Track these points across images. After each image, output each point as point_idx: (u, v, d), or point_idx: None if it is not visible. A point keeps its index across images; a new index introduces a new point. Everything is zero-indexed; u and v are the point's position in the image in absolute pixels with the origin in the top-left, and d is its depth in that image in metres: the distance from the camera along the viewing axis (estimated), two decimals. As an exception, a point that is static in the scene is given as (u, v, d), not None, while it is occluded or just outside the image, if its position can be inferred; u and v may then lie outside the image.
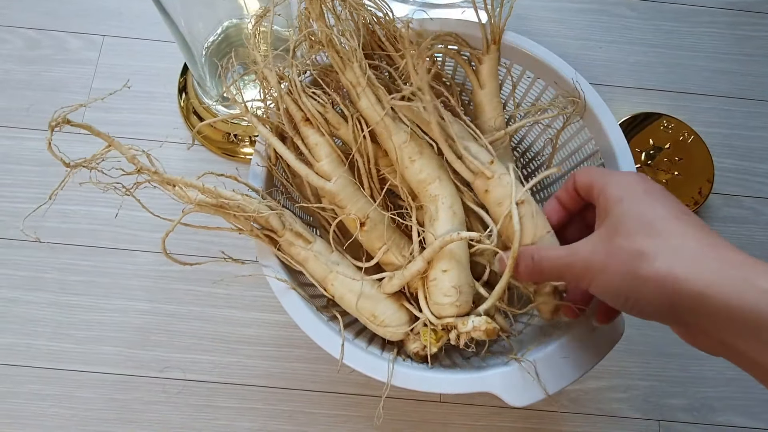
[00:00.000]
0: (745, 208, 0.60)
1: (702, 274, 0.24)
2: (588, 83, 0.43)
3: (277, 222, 0.36)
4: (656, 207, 0.28)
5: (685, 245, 0.26)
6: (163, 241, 0.35)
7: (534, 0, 0.67)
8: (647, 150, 0.58)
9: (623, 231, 0.28)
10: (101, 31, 0.64)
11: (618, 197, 0.29)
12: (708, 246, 0.25)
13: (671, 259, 0.25)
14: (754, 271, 0.24)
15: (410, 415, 0.52)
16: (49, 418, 0.51)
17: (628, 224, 0.28)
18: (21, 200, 0.57)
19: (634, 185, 0.30)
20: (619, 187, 0.30)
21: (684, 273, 0.25)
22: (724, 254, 0.25)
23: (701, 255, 0.25)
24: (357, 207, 0.37)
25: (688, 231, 0.26)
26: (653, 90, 0.64)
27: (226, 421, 0.51)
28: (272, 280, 0.38)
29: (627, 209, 0.28)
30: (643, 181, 0.30)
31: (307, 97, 0.36)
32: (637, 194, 0.29)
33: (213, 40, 0.55)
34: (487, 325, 0.34)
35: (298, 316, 0.37)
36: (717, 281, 0.24)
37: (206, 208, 0.35)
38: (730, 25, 0.67)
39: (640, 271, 0.26)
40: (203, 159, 0.59)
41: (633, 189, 0.29)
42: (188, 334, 0.54)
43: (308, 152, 0.37)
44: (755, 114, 0.63)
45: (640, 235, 0.27)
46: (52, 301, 0.54)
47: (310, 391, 0.52)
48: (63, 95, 0.61)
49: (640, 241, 0.26)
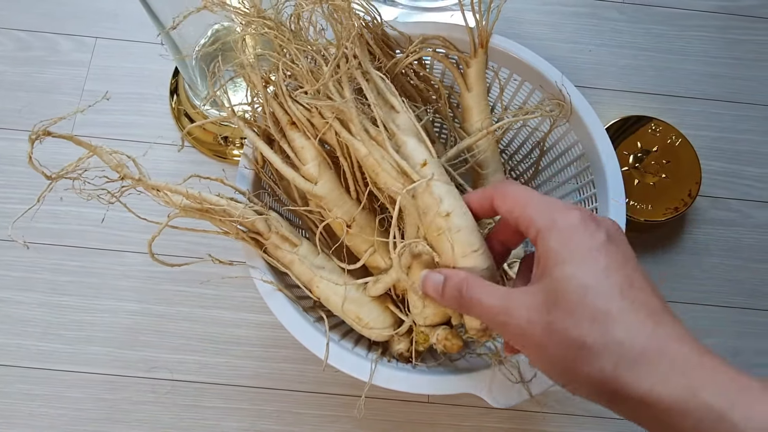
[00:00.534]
0: (732, 210, 0.60)
1: (644, 378, 0.23)
2: (574, 86, 0.43)
3: (263, 225, 0.37)
4: (602, 276, 0.25)
5: (631, 340, 0.24)
6: (150, 244, 0.35)
7: (524, 3, 0.67)
8: (635, 153, 0.58)
9: (564, 306, 0.25)
10: (94, 33, 0.64)
11: (560, 257, 0.26)
12: (656, 340, 0.24)
13: (615, 359, 0.24)
14: (699, 379, 0.23)
15: (397, 416, 0.52)
16: (38, 417, 0.51)
17: (569, 298, 0.25)
18: (14, 201, 0.58)
19: (579, 239, 0.26)
20: (562, 240, 0.26)
21: (627, 377, 0.23)
22: (671, 352, 0.24)
23: (646, 355, 0.23)
24: (343, 210, 0.37)
25: (637, 317, 0.24)
26: (642, 93, 0.64)
27: (214, 420, 0.52)
28: (259, 282, 0.38)
29: (569, 275, 0.25)
30: (590, 234, 0.26)
31: (292, 101, 0.36)
32: (582, 254, 0.26)
33: (203, 43, 0.56)
34: (444, 341, 0.35)
35: (283, 317, 0.38)
36: (659, 388, 0.23)
37: (191, 213, 0.35)
38: (720, 29, 0.67)
39: (582, 366, 0.24)
40: (193, 161, 0.59)
41: (577, 246, 0.26)
42: (177, 335, 0.54)
43: (294, 155, 0.37)
44: (743, 117, 0.64)
45: (584, 318, 0.24)
46: (42, 301, 0.55)
47: (298, 391, 0.53)
48: (55, 97, 0.61)
49: (582, 328, 0.24)
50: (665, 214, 0.56)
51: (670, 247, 0.59)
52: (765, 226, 0.60)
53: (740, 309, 0.57)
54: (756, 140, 0.63)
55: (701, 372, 0.23)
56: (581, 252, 0.26)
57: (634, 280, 0.26)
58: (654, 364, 0.23)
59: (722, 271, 0.58)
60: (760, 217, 0.60)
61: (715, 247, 0.59)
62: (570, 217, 0.27)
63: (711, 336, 0.56)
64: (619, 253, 0.26)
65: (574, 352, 0.24)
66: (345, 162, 0.36)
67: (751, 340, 0.56)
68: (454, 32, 0.45)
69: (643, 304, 0.25)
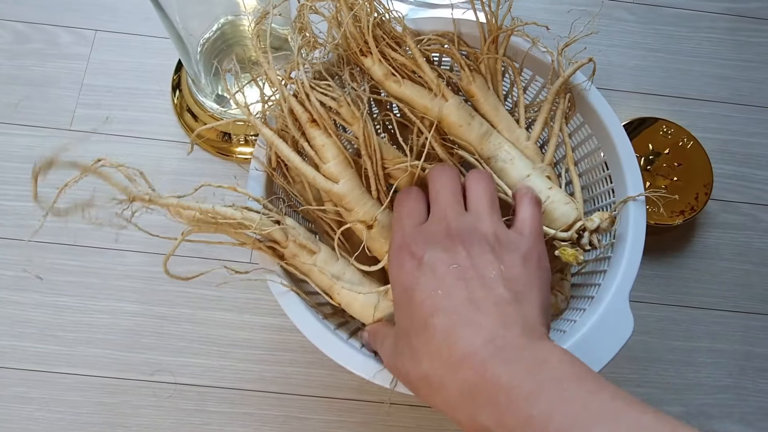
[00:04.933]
0: (743, 214, 0.60)
1: (443, 402, 0.26)
2: (589, 82, 0.43)
3: (280, 235, 0.35)
4: (404, 317, 0.29)
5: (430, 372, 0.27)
6: (165, 263, 0.33)
7: (534, 2, 0.66)
8: (646, 155, 0.57)
9: (396, 348, 0.30)
10: (93, 26, 0.63)
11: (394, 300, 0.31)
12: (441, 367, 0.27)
13: (425, 389, 0.27)
14: (483, 398, 0.25)
15: (404, 421, 0.51)
16: (35, 421, 0.50)
17: (399, 339, 0.29)
18: (10, 198, 0.56)
19: (395, 284, 0.30)
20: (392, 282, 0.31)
21: (436, 402, 0.27)
22: (447, 378, 0.26)
23: (438, 382, 0.26)
24: (365, 209, 0.36)
25: (432, 351, 0.27)
26: (652, 94, 0.64)
27: (218, 426, 0.50)
28: (272, 284, 0.37)
29: (398, 318, 0.30)
30: (398, 279, 0.30)
31: (316, 95, 0.35)
32: (396, 301, 0.30)
33: (208, 37, 0.54)
34: (609, 216, 0.36)
35: (315, 337, 0.36)
36: (451, 409, 0.26)
37: (206, 227, 0.34)
38: (730, 31, 0.67)
39: (430, 398, 0.27)
40: (197, 158, 0.58)
41: (395, 290, 0.30)
42: (179, 337, 0.52)
43: (314, 154, 0.36)
44: (754, 120, 0.63)
45: (404, 357, 0.28)
46: (40, 301, 0.53)
47: (304, 396, 0.51)
48: (53, 91, 0.60)
49: (407, 367, 0.28)
50: (676, 217, 0.55)
51: (680, 251, 0.58)
52: (776, 231, 0.59)
53: (750, 314, 0.56)
54: (767, 144, 0.62)
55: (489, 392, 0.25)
56: (396, 296, 0.31)
57: (426, 316, 0.29)
58: (445, 391, 0.26)
59: (732, 275, 0.58)
60: (771, 221, 0.60)
61: (726, 251, 0.59)
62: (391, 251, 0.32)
63: (720, 341, 0.55)
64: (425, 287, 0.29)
65: (408, 384, 0.29)
66: (368, 160, 0.35)
67: (761, 345, 0.55)
68: (464, 28, 0.44)
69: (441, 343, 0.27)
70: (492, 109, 0.44)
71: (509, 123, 0.44)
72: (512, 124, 0.44)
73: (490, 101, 0.44)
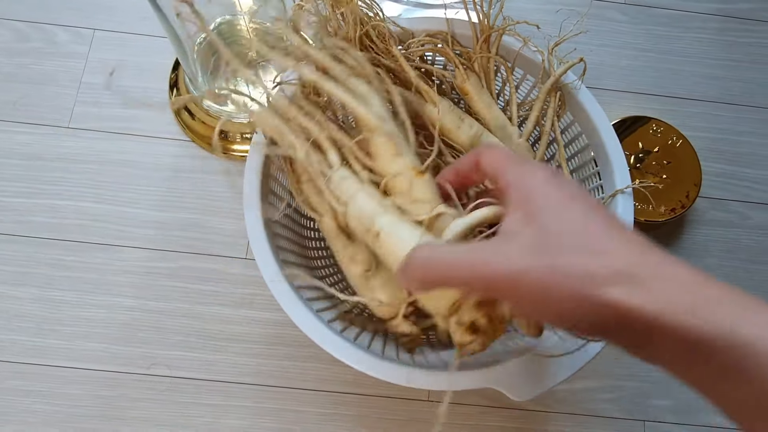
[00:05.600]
0: (731, 212, 0.61)
1: (654, 300, 0.23)
2: (578, 79, 0.44)
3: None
4: (584, 218, 0.26)
5: (636, 267, 0.24)
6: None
7: (526, 2, 0.67)
8: (636, 153, 0.58)
9: (558, 248, 0.25)
10: (92, 25, 0.63)
11: (539, 205, 0.27)
12: (654, 265, 0.24)
13: (623, 283, 0.24)
14: (708, 298, 0.23)
15: (398, 414, 0.52)
16: (33, 414, 0.51)
17: (563, 240, 0.25)
18: (9, 194, 0.57)
19: (553, 190, 0.27)
20: (536, 191, 0.28)
21: (637, 298, 0.23)
22: (680, 275, 0.24)
23: (650, 277, 0.24)
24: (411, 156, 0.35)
25: (635, 250, 0.25)
26: (643, 94, 0.65)
27: (213, 418, 0.51)
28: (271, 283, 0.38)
29: (555, 220, 0.26)
30: (560, 184, 0.28)
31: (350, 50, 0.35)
32: (561, 202, 0.27)
33: (205, 37, 0.55)
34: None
35: (302, 322, 0.37)
36: (670, 307, 0.23)
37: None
38: (720, 31, 0.68)
39: (589, 294, 0.24)
40: (194, 155, 0.59)
41: (554, 195, 0.27)
42: (176, 331, 0.53)
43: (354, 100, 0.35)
44: (743, 119, 0.64)
45: (584, 254, 0.25)
46: (38, 296, 0.54)
47: (299, 389, 0.52)
48: (52, 89, 0.60)
49: (585, 263, 0.25)
50: (665, 214, 0.56)
51: (669, 248, 0.59)
52: (763, 228, 0.60)
53: (738, 309, 0.57)
54: (755, 142, 0.63)
55: (710, 291, 0.23)
56: (561, 200, 0.27)
57: (615, 222, 0.26)
58: (660, 285, 0.23)
59: (721, 271, 0.59)
60: (759, 218, 0.61)
61: (714, 247, 0.60)
62: (536, 168, 0.29)
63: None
64: (591, 200, 0.27)
65: (580, 282, 0.24)
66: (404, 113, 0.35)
67: (748, 340, 0.56)
68: (458, 28, 0.45)
69: (635, 240, 0.25)
70: (485, 107, 0.45)
71: (502, 121, 0.45)
72: (504, 122, 0.45)
73: (484, 99, 0.45)
